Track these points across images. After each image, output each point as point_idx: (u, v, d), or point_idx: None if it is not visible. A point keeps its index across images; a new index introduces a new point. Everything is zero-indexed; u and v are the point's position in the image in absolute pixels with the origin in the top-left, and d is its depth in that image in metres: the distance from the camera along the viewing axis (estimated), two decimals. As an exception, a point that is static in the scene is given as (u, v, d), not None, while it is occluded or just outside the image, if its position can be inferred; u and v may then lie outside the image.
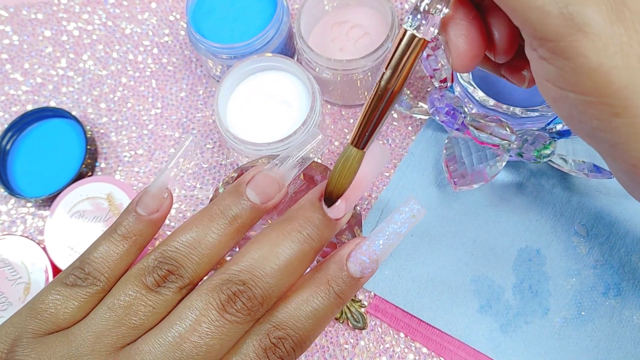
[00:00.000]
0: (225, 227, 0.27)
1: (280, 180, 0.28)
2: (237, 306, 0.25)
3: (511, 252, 0.44)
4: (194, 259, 0.26)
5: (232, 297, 0.25)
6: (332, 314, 0.26)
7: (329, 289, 0.26)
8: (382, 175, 0.47)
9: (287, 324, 0.25)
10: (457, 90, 0.42)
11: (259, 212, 0.28)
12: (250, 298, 0.25)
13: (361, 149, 0.27)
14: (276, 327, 0.25)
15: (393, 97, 0.26)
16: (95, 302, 0.26)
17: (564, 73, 0.24)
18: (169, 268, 0.26)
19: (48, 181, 0.48)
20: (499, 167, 0.41)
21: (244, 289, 0.25)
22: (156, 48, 0.53)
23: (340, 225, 0.28)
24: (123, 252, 0.27)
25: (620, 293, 0.42)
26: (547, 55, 0.24)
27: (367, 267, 0.26)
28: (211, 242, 0.26)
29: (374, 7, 0.47)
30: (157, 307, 0.25)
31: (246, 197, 0.27)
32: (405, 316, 0.43)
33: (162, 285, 0.25)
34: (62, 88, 0.53)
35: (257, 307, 0.25)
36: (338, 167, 0.27)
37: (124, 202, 0.45)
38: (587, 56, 0.23)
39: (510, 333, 0.42)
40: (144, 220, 0.28)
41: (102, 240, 0.27)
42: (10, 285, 0.44)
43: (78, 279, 0.26)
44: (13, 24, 0.55)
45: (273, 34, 0.45)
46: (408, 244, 0.44)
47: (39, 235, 0.48)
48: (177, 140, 0.50)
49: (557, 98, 0.25)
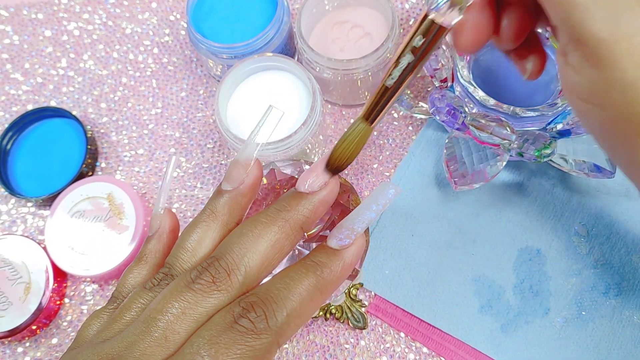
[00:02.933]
0: (206, 223, 0.28)
1: (244, 160, 0.28)
2: (202, 276, 0.25)
3: (512, 252, 0.44)
4: (178, 256, 0.27)
5: (200, 271, 0.25)
6: (314, 289, 0.25)
7: (307, 262, 0.26)
8: (382, 175, 0.47)
9: (259, 291, 0.25)
10: (458, 90, 0.42)
11: (234, 197, 0.28)
12: (216, 267, 0.25)
13: (370, 124, 0.27)
14: (248, 295, 0.25)
15: (406, 79, 0.27)
16: None
17: (593, 84, 0.22)
18: (163, 271, 0.27)
19: (48, 181, 0.48)
20: (500, 167, 0.41)
21: (211, 261, 0.25)
22: (156, 48, 0.53)
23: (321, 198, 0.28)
24: (140, 272, 0.29)
25: (620, 293, 0.42)
26: (579, 62, 0.23)
27: (344, 238, 0.26)
28: (191, 238, 0.27)
29: (374, 7, 0.47)
30: (145, 301, 0.26)
31: (223, 190, 0.28)
32: (405, 316, 0.43)
33: (156, 285, 0.26)
34: (62, 88, 0.53)
35: (223, 275, 0.25)
36: (346, 140, 0.27)
37: (124, 201, 0.45)
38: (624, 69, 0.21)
39: (511, 333, 0.42)
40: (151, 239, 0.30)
41: (128, 268, 0.29)
42: (10, 285, 0.44)
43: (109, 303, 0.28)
44: (13, 23, 0.55)
45: (273, 34, 0.45)
46: (408, 243, 0.44)
47: (39, 235, 0.48)
48: (177, 140, 0.50)
49: (583, 111, 0.24)
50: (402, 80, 0.27)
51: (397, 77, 0.27)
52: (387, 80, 0.27)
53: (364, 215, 0.26)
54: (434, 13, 0.26)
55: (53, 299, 0.45)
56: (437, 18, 0.26)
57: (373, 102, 0.27)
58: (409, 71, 0.26)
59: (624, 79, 0.21)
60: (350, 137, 0.27)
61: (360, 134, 0.27)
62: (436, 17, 0.26)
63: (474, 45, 0.28)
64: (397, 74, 0.26)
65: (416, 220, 0.45)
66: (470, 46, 0.28)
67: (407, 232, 0.45)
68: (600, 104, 0.23)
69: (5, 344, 0.45)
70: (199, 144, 0.50)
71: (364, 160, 0.48)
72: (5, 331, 0.43)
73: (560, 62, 0.24)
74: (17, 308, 0.43)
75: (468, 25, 0.27)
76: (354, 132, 0.27)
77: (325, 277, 0.25)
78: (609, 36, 0.21)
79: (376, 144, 0.48)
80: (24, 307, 0.43)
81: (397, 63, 0.27)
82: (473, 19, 0.27)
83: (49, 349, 0.45)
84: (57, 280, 0.45)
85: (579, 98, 0.24)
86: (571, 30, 0.22)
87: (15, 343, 0.45)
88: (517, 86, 0.45)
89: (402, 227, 0.45)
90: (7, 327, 0.43)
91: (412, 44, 0.26)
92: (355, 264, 0.28)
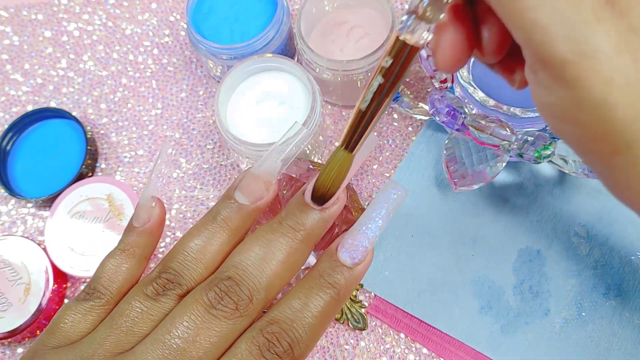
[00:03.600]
0: (216, 231, 0.27)
1: (266, 177, 0.28)
2: (223, 301, 0.25)
3: (511, 253, 0.44)
4: (189, 265, 0.27)
5: (218, 294, 0.25)
6: (330, 307, 0.26)
7: (320, 281, 0.26)
8: (382, 175, 0.47)
9: (279, 317, 0.25)
10: (458, 90, 0.42)
11: (251, 213, 0.28)
12: (237, 292, 0.25)
13: (351, 152, 0.26)
14: (269, 322, 0.25)
15: (383, 103, 0.25)
16: (102, 315, 0.27)
17: (563, 103, 0.22)
18: (167, 277, 0.26)
19: (48, 182, 0.48)
20: (499, 168, 0.41)
21: (230, 283, 0.25)
22: (156, 49, 0.53)
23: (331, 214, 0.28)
24: (122, 264, 0.28)
25: (620, 294, 0.42)
26: (547, 81, 0.22)
27: (357, 254, 0.26)
28: (200, 246, 0.27)
29: (374, 7, 0.47)
30: (154, 314, 0.26)
31: (234, 200, 0.28)
32: (405, 317, 0.43)
33: (161, 294, 0.26)
34: (62, 88, 0.53)
35: (246, 302, 0.25)
36: (328, 170, 0.26)
37: (124, 202, 0.45)
38: (591, 88, 0.21)
39: (511, 334, 0.42)
40: (138, 232, 0.29)
41: (107, 257, 0.29)
42: (10, 286, 0.44)
43: (87, 294, 0.28)
44: (13, 24, 0.55)
45: (273, 35, 0.45)
46: (408, 244, 0.44)
47: (39, 236, 0.48)
48: (177, 140, 0.50)
49: (558, 130, 0.23)
50: (378, 104, 0.25)
51: (369, 100, 0.25)
52: (361, 104, 0.25)
53: (372, 226, 0.26)
54: (403, 33, 0.24)
55: (53, 300, 0.45)
56: (407, 38, 0.24)
57: (350, 128, 0.26)
58: (384, 94, 0.25)
59: (593, 98, 0.21)
60: (329, 167, 0.26)
61: (339, 163, 0.26)
62: (405, 36, 0.24)
63: (453, 64, 0.26)
64: (369, 97, 0.25)
65: (416, 221, 0.45)
66: (449, 65, 0.26)
67: (407, 233, 0.45)
68: (573, 123, 0.22)
69: (5, 345, 0.45)
70: (199, 144, 0.50)
71: (364, 162, 0.48)
72: (5, 332, 0.43)
73: (530, 80, 0.24)
74: (17, 309, 0.43)
75: (444, 43, 0.26)
76: (333, 161, 0.26)
77: (340, 296, 0.26)
78: (572, 56, 0.21)
79: (376, 144, 0.48)
80: (23, 308, 0.43)
81: (370, 85, 0.25)
82: (448, 37, 0.26)
83: (49, 349, 0.45)
84: (57, 281, 0.45)
85: (553, 117, 0.23)
86: (535, 51, 0.22)
87: (15, 344, 0.45)
88: (517, 87, 0.45)
89: (402, 228, 0.45)
90: (7, 328, 0.43)
91: (382, 65, 0.25)
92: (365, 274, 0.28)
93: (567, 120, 0.22)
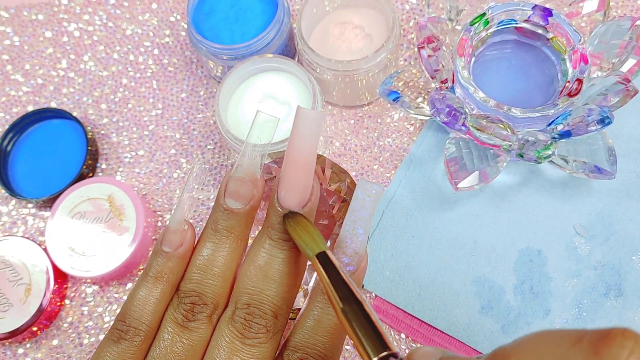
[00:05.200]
0: (221, 242, 0.28)
1: (249, 176, 0.28)
2: (253, 329, 0.26)
3: (512, 253, 0.44)
4: (208, 283, 0.27)
5: (245, 323, 0.26)
6: None
7: (324, 297, 0.27)
8: (383, 176, 0.47)
9: (300, 342, 0.26)
10: (458, 91, 0.42)
11: (248, 213, 0.28)
12: (262, 316, 0.26)
13: None
14: (293, 350, 0.26)
15: None
16: (144, 350, 0.27)
17: None
18: (191, 300, 0.27)
19: (49, 182, 0.48)
20: (500, 168, 0.41)
21: (252, 310, 0.26)
22: (157, 49, 0.53)
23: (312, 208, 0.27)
24: (159, 294, 0.27)
25: (621, 294, 0.42)
26: None
27: (351, 263, 0.27)
28: (210, 260, 0.27)
29: (374, 8, 0.47)
30: (193, 343, 0.26)
31: (227, 207, 0.27)
32: (406, 317, 0.43)
33: (192, 320, 0.26)
34: (62, 89, 0.53)
35: (272, 321, 0.26)
36: None
37: (124, 203, 0.45)
38: None
39: (512, 334, 0.42)
40: (169, 256, 0.28)
41: (137, 287, 0.28)
42: (11, 287, 0.44)
43: (121, 332, 0.27)
44: (14, 24, 0.55)
45: (274, 35, 0.45)
46: (409, 244, 0.44)
47: (40, 236, 0.48)
48: (177, 141, 0.50)
49: None
50: None
51: None
52: None
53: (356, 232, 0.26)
54: None
55: (54, 301, 0.45)
56: None
57: None
58: None
59: None
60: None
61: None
62: None
63: None
64: None
65: (417, 221, 0.45)
66: None
67: (408, 233, 0.45)
68: None
69: (6, 345, 0.45)
70: (199, 145, 0.50)
71: (364, 162, 0.48)
72: (5, 332, 0.43)
73: None
74: (18, 309, 0.43)
75: None
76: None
77: None
78: None
79: (376, 145, 0.48)
80: (24, 308, 0.43)
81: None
82: None
83: (50, 350, 0.45)
84: (57, 281, 0.45)
85: None
86: None
87: (15, 344, 0.45)
88: (518, 87, 0.45)
89: (402, 229, 0.45)
90: (8, 329, 0.43)
91: None
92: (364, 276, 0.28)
93: None
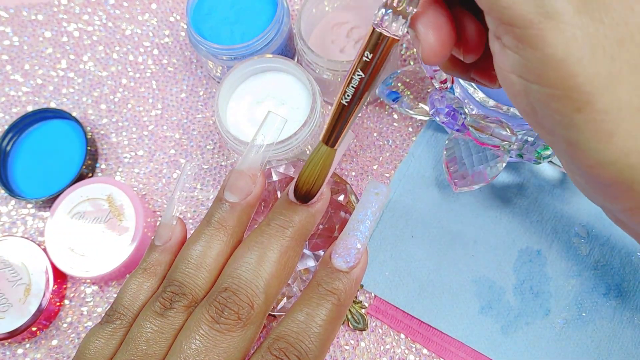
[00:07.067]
0: (213, 235, 0.28)
1: (250, 171, 0.28)
2: (224, 314, 0.25)
3: (512, 253, 0.44)
4: (191, 273, 0.27)
5: (218, 307, 0.25)
6: (333, 314, 0.26)
7: (320, 290, 0.26)
8: (382, 176, 0.47)
9: (285, 332, 0.25)
10: (458, 91, 0.42)
11: (244, 209, 0.28)
12: (236, 301, 0.25)
13: (332, 146, 0.27)
14: (275, 339, 0.25)
15: (362, 96, 0.26)
16: (123, 337, 0.27)
17: (529, 63, 0.23)
18: (171, 290, 0.27)
19: (48, 182, 0.48)
20: (500, 168, 0.41)
21: (228, 294, 0.25)
22: (156, 49, 0.53)
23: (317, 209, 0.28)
24: (143, 283, 0.28)
25: (621, 294, 0.42)
26: (513, 43, 0.23)
27: (351, 257, 0.26)
28: (200, 252, 0.27)
29: (374, 8, 0.47)
30: (166, 331, 0.26)
31: (224, 200, 0.28)
32: (405, 317, 0.43)
33: (168, 308, 0.26)
34: (62, 89, 0.53)
35: (247, 309, 0.25)
36: (309, 166, 0.27)
37: (124, 203, 0.45)
38: (554, 46, 0.22)
39: (511, 334, 0.42)
40: (160, 250, 0.29)
41: (130, 277, 0.29)
42: (10, 287, 0.44)
43: (108, 316, 0.28)
44: (13, 25, 0.55)
45: (273, 35, 0.45)
46: (409, 245, 0.44)
47: (39, 237, 0.48)
48: (177, 141, 0.50)
49: (520, 92, 0.24)
50: (358, 98, 0.26)
51: (351, 95, 0.26)
52: (342, 98, 0.26)
53: (361, 228, 0.26)
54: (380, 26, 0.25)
55: (53, 301, 0.45)
56: (384, 30, 0.25)
57: (331, 123, 0.27)
58: (362, 88, 0.26)
59: (556, 55, 0.22)
60: (312, 163, 0.27)
61: (323, 158, 0.27)
62: (382, 29, 0.25)
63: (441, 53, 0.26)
64: (351, 92, 0.26)
65: (416, 221, 0.45)
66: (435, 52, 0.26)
67: (408, 233, 0.45)
68: (538, 82, 0.23)
69: (5, 346, 0.45)
70: (199, 145, 0.50)
71: (364, 162, 0.48)
72: (5, 333, 0.43)
73: (495, 46, 0.24)
74: (17, 309, 0.43)
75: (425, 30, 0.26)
76: (316, 156, 0.27)
77: (342, 302, 0.26)
78: (536, 17, 0.22)
79: (376, 145, 0.48)
80: (24, 308, 0.43)
81: (350, 80, 0.26)
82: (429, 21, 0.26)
83: (49, 350, 0.45)
84: (57, 281, 0.45)
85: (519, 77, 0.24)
86: (500, 15, 0.23)
87: (15, 344, 0.45)
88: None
89: (402, 229, 0.45)
90: (7, 329, 0.43)
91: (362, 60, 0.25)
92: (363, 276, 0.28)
93: (534, 79, 0.23)
